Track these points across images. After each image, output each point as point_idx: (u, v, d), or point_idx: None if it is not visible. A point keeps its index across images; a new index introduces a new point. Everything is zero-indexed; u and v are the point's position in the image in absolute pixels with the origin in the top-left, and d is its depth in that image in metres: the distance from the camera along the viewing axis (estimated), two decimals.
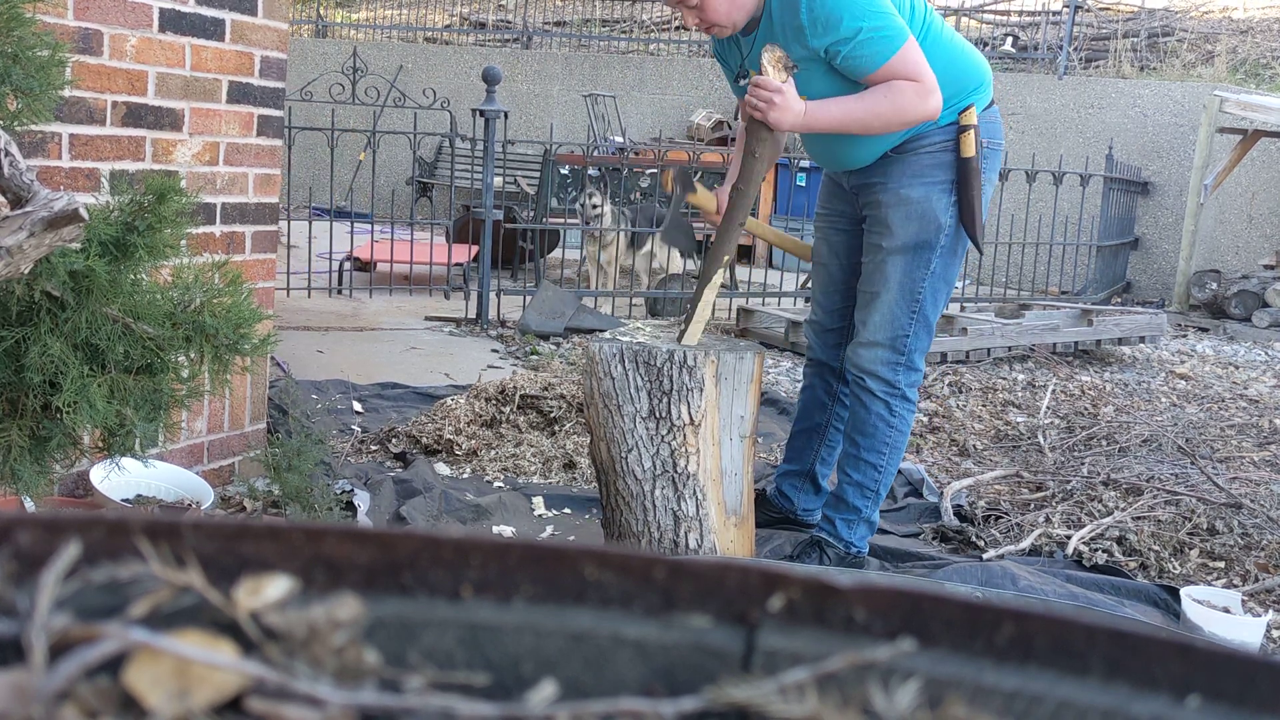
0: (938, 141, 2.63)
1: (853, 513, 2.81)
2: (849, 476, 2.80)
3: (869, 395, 2.74)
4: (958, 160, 2.63)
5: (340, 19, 14.23)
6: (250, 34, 2.95)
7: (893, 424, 2.75)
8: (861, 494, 2.80)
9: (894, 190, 2.66)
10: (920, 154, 2.63)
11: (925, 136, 2.62)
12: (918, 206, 2.64)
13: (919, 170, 2.64)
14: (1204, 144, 8.36)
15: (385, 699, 0.38)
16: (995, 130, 2.73)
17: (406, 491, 3.18)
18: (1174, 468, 3.83)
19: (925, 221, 2.65)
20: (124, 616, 0.40)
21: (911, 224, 2.65)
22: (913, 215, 2.65)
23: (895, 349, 2.71)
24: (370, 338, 5.50)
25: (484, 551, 0.43)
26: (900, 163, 2.65)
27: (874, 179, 2.70)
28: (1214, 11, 12.66)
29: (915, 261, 2.67)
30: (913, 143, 2.63)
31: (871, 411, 2.74)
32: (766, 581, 0.43)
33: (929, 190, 2.64)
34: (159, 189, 1.84)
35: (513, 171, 9.11)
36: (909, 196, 2.64)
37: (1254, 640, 2.54)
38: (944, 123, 2.63)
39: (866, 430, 2.76)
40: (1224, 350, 6.88)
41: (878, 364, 2.72)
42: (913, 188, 2.64)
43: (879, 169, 2.69)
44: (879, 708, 0.40)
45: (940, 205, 2.64)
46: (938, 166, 2.63)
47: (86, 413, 1.75)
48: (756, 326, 6.12)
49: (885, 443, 2.76)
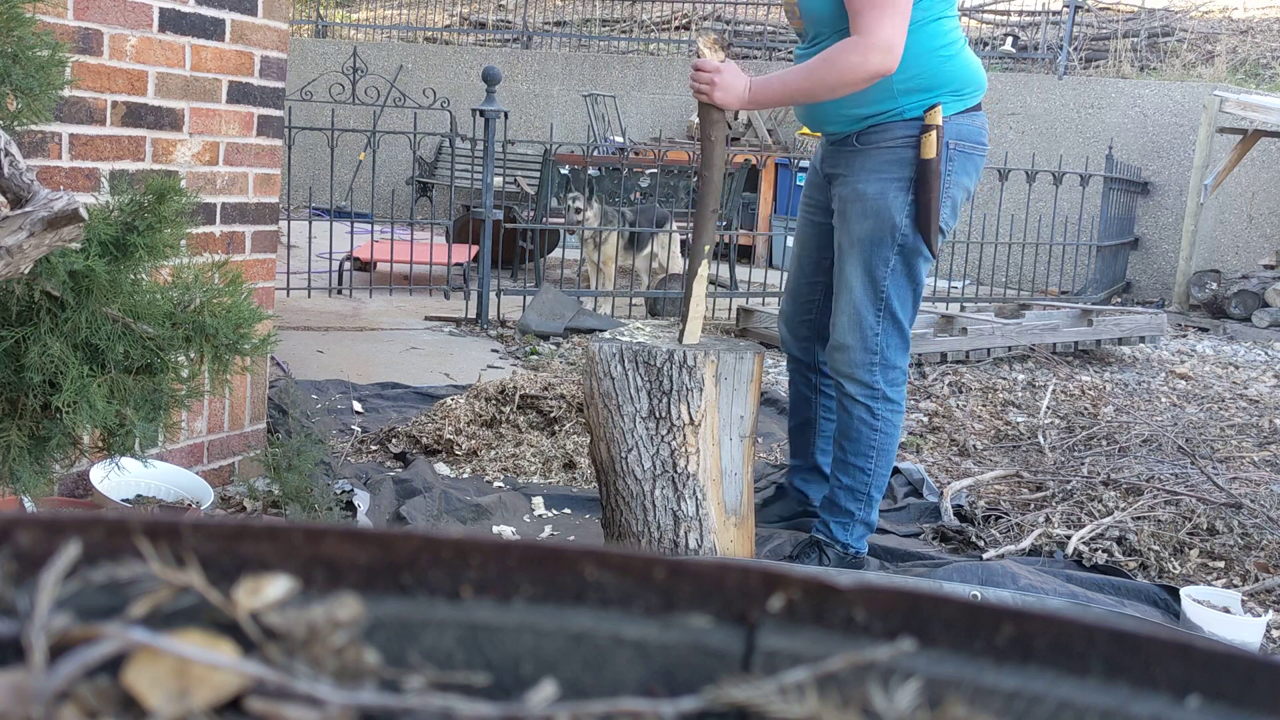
0: (899, 137, 2.59)
1: (845, 515, 2.81)
2: (839, 480, 2.80)
3: (849, 400, 2.73)
4: (917, 160, 2.59)
5: (340, 19, 14.23)
6: (250, 34, 2.95)
7: (876, 426, 2.73)
8: (853, 497, 2.79)
9: (852, 185, 2.65)
10: (881, 148, 2.61)
11: (889, 129, 2.60)
12: (873, 203, 2.62)
13: (877, 165, 2.62)
14: (1204, 144, 8.36)
15: (385, 699, 0.38)
16: (973, 134, 2.68)
17: (406, 491, 3.18)
18: (1174, 468, 3.83)
19: (879, 219, 2.62)
20: (124, 616, 0.40)
21: (866, 220, 2.63)
22: (868, 212, 2.63)
23: (867, 349, 2.69)
24: (370, 338, 5.50)
25: (484, 551, 0.43)
26: (863, 155, 2.63)
27: (840, 169, 2.70)
28: (1214, 11, 12.66)
29: (873, 258, 2.64)
30: (876, 131, 2.61)
31: (854, 416, 2.74)
32: (766, 581, 0.43)
33: (885, 186, 2.61)
34: (159, 189, 1.84)
35: (513, 171, 9.11)
36: (864, 192, 2.63)
37: (1254, 640, 2.54)
38: (910, 116, 2.59)
39: (851, 434, 2.75)
40: (1224, 350, 6.88)
41: (853, 367, 2.70)
42: (869, 183, 2.62)
43: (845, 159, 2.68)
44: (879, 708, 0.40)
45: (896, 204, 2.60)
46: (896, 163, 2.60)
47: (86, 413, 1.75)
48: (756, 326, 6.12)
49: (871, 445, 2.74)
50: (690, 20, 13.04)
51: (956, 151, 2.64)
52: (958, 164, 2.66)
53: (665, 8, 13.14)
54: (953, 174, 2.65)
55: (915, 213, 2.61)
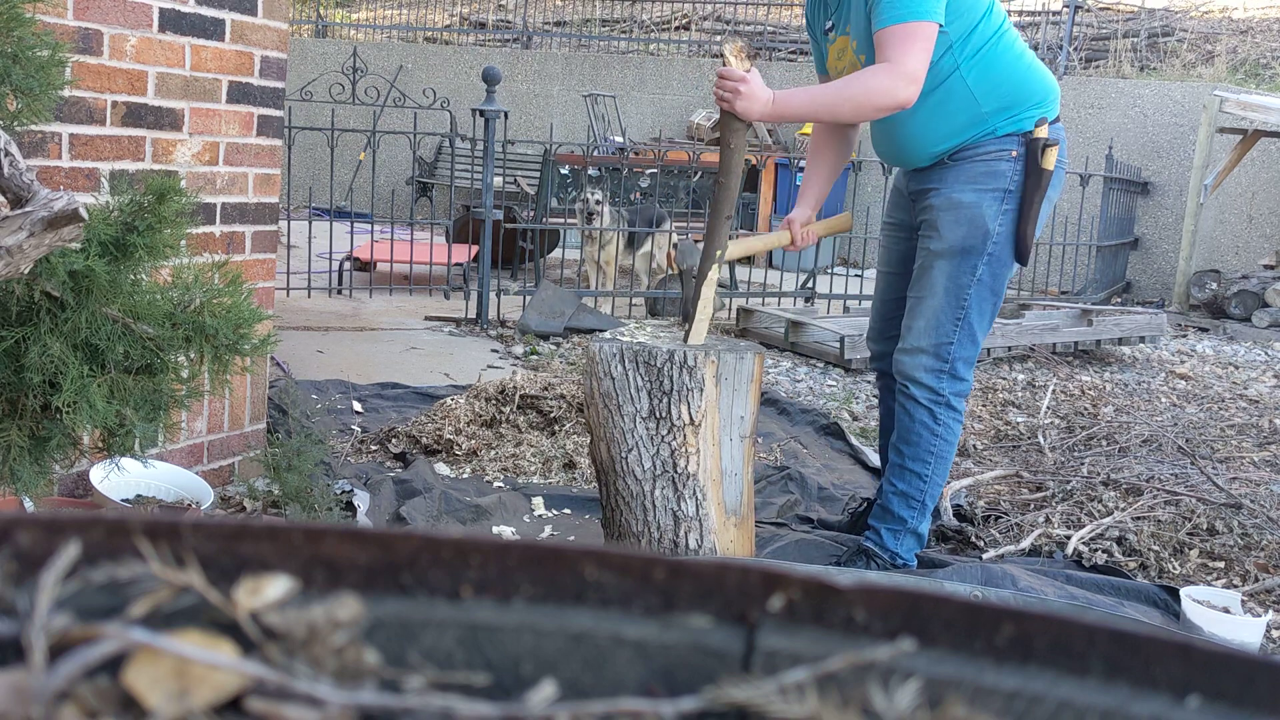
0: (992, 151, 2.64)
1: (898, 523, 2.79)
2: (894, 486, 2.79)
3: (912, 403, 2.73)
4: (1028, 170, 2.62)
5: (340, 19, 14.23)
6: (250, 34, 2.95)
7: (937, 432, 2.73)
8: (907, 504, 2.78)
9: (945, 194, 2.67)
10: (975, 161, 2.65)
11: (981, 145, 2.64)
12: (967, 211, 2.65)
13: (972, 176, 2.65)
14: (1204, 144, 8.36)
15: (385, 699, 0.38)
16: (1063, 149, 2.72)
17: (406, 492, 3.18)
18: (1174, 468, 3.83)
19: (974, 226, 2.64)
20: (124, 616, 0.40)
21: (960, 228, 2.65)
22: (962, 220, 2.65)
23: (939, 356, 2.71)
24: (370, 338, 5.50)
25: (484, 552, 0.43)
26: (955, 168, 2.66)
27: (930, 184, 2.72)
28: (1214, 11, 12.66)
29: (961, 266, 2.67)
30: (968, 150, 2.65)
31: (916, 419, 2.73)
32: (766, 581, 0.43)
33: (980, 196, 2.64)
34: (159, 189, 1.84)
35: (512, 171, 9.11)
36: (960, 201, 2.65)
37: (1254, 640, 2.54)
38: (1002, 133, 2.63)
39: (911, 439, 2.75)
40: (1224, 350, 6.88)
41: (920, 370, 2.72)
42: (964, 192, 2.65)
43: (935, 174, 2.70)
44: (879, 708, 0.40)
45: (990, 212, 2.64)
46: (991, 174, 2.64)
47: (86, 413, 1.75)
48: (756, 326, 6.12)
49: (930, 451, 2.74)
50: (690, 20, 13.04)
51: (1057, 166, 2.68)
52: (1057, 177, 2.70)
53: (665, 8, 13.14)
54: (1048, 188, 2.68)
55: (1016, 223, 2.64)
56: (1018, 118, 2.64)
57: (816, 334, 5.80)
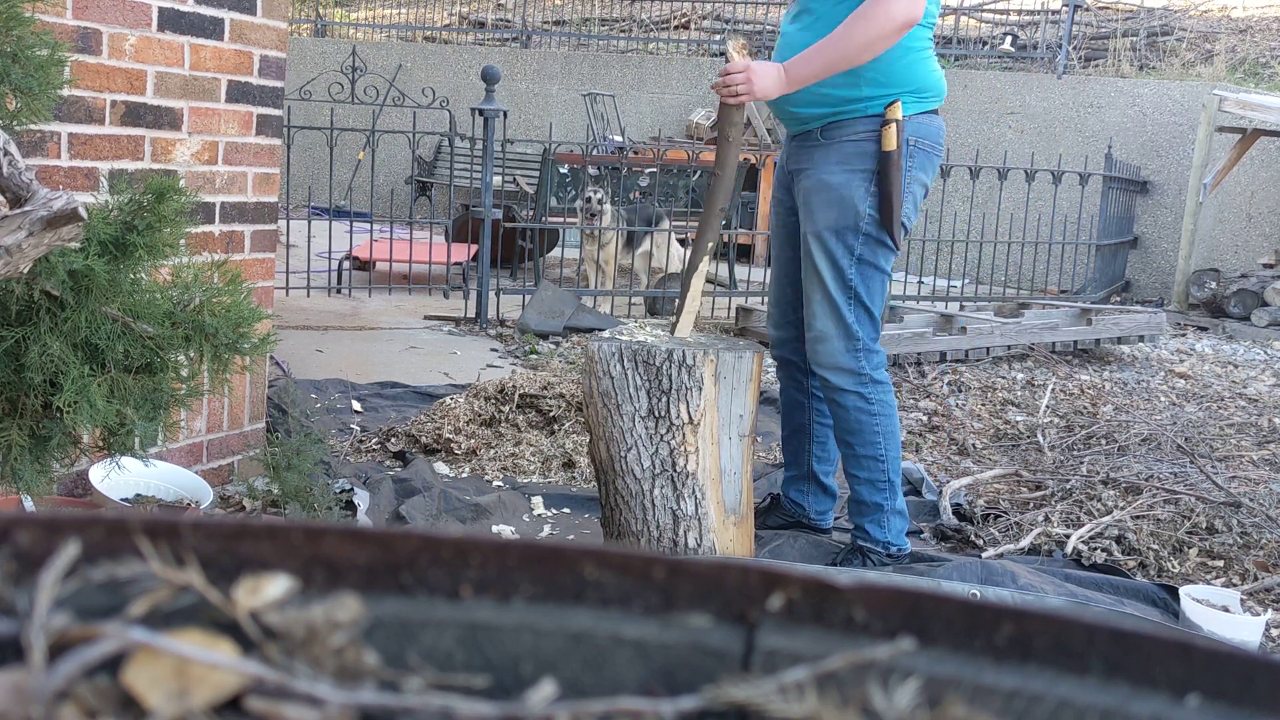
0: (862, 131, 2.65)
1: (875, 510, 2.81)
2: (856, 477, 2.81)
3: (840, 393, 2.74)
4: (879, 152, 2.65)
5: (339, 18, 14.22)
6: (249, 33, 2.95)
7: (873, 411, 2.75)
8: (874, 489, 2.80)
9: (816, 176, 2.70)
10: (846, 141, 2.67)
11: (853, 124, 2.66)
12: (837, 192, 2.67)
13: (843, 156, 2.67)
14: (1203, 143, 8.36)
15: (385, 699, 0.38)
16: (932, 134, 2.73)
17: (406, 491, 3.18)
18: (1173, 467, 3.83)
19: (844, 207, 2.67)
20: (123, 616, 0.40)
21: (831, 209, 2.68)
22: (832, 201, 2.68)
23: (848, 335, 2.72)
24: (369, 337, 5.50)
25: (483, 551, 0.43)
26: (826, 148, 2.69)
27: (803, 164, 2.74)
28: (1213, 10, 12.66)
29: (838, 247, 2.68)
30: (839, 129, 2.67)
31: (849, 408, 2.75)
32: (766, 581, 0.43)
33: (849, 177, 2.66)
34: (158, 188, 1.84)
35: (512, 171, 9.11)
36: (829, 182, 2.68)
37: (1253, 639, 2.54)
38: (872, 112, 2.65)
39: (852, 428, 2.76)
40: (1223, 349, 6.88)
41: (836, 355, 2.72)
42: (834, 173, 2.68)
43: (807, 154, 2.72)
44: (878, 707, 0.40)
45: (859, 193, 2.66)
46: (860, 155, 2.66)
47: (86, 412, 1.75)
48: (755, 325, 6.12)
49: (875, 431, 2.76)
50: (689, 19, 13.04)
51: (916, 148, 2.70)
52: (918, 160, 2.71)
53: (664, 7, 13.13)
54: (913, 169, 2.70)
55: (879, 204, 2.66)
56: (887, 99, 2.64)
57: None
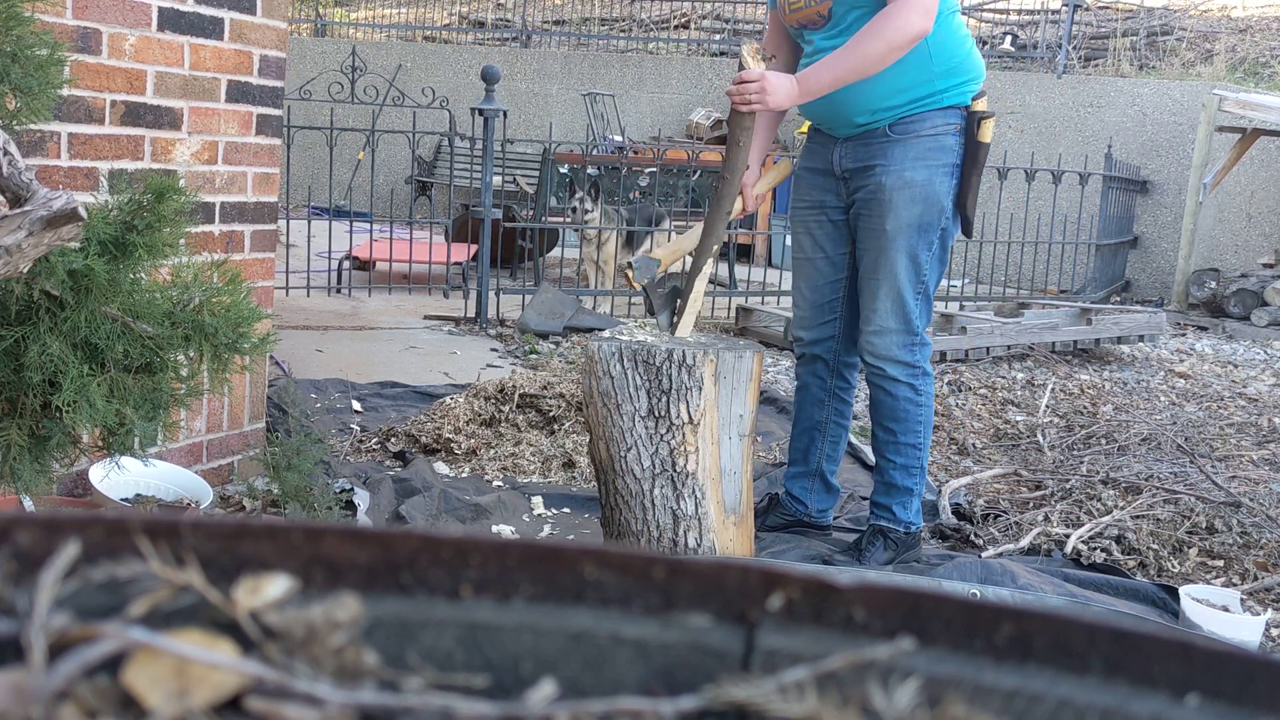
0: (939, 125, 2.67)
1: (905, 494, 2.89)
2: (893, 462, 2.87)
3: (892, 382, 2.80)
4: (968, 144, 2.68)
5: (339, 18, 14.22)
6: (249, 33, 2.95)
7: (920, 402, 2.83)
8: (908, 474, 2.88)
9: (896, 173, 2.69)
10: (922, 137, 2.67)
11: (927, 117, 2.66)
12: (921, 189, 2.68)
13: (920, 153, 2.67)
14: (1203, 143, 8.36)
15: (384, 699, 0.38)
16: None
17: (406, 491, 3.18)
18: (1173, 466, 3.83)
19: (929, 204, 2.69)
20: (123, 616, 0.40)
21: (916, 206, 2.69)
22: (917, 198, 2.68)
23: (908, 330, 2.78)
24: (369, 337, 5.50)
25: (483, 551, 0.43)
26: (901, 145, 2.68)
27: (873, 161, 2.72)
28: (1213, 10, 12.66)
29: (920, 243, 2.72)
30: (912, 122, 2.67)
31: (899, 397, 2.81)
32: (766, 581, 0.43)
33: (932, 172, 2.68)
34: (158, 188, 1.84)
35: (512, 171, 9.11)
36: (912, 179, 2.68)
37: (1253, 639, 2.54)
38: (946, 104, 2.66)
39: (899, 416, 2.83)
40: (1223, 349, 6.88)
41: (895, 349, 2.78)
42: (915, 170, 2.68)
43: (878, 150, 2.70)
44: (878, 707, 0.40)
45: (943, 188, 2.69)
46: (938, 149, 2.68)
47: (86, 412, 1.75)
48: (755, 325, 6.12)
49: (919, 421, 2.84)
50: (689, 19, 13.04)
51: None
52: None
53: (664, 7, 13.13)
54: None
55: (960, 194, 2.71)
56: (961, 89, 2.68)
57: None
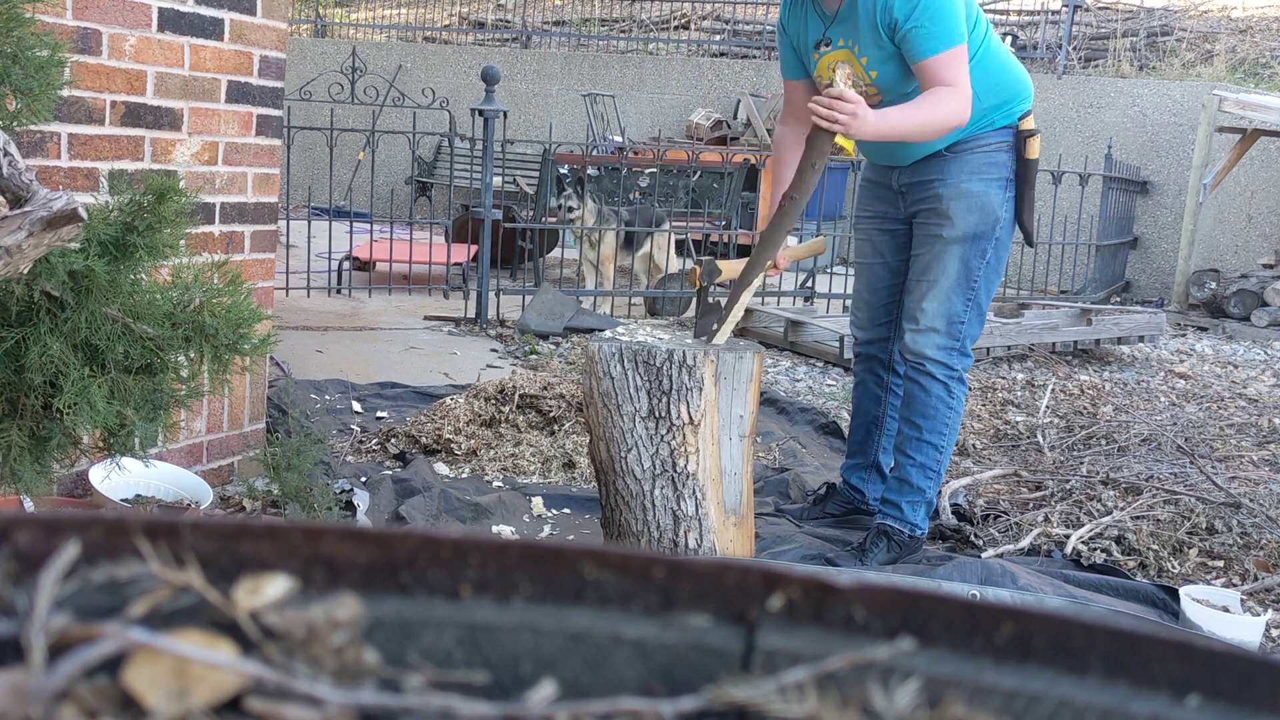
0: (992, 143, 2.85)
1: (917, 494, 2.94)
2: (912, 459, 2.93)
3: (929, 379, 2.89)
4: (1019, 160, 2.86)
5: (339, 18, 14.22)
6: (249, 34, 2.95)
7: (952, 405, 2.91)
8: (925, 475, 2.93)
9: (954, 185, 2.85)
10: (976, 153, 2.85)
11: (981, 138, 2.84)
12: (977, 199, 2.84)
13: (975, 167, 2.85)
14: (1203, 143, 8.36)
15: (384, 699, 0.38)
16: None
17: (405, 491, 3.18)
18: (1173, 467, 3.83)
19: (985, 213, 2.84)
20: (123, 616, 0.40)
21: (972, 215, 2.84)
22: (973, 207, 2.84)
23: (951, 335, 2.88)
24: (369, 337, 5.49)
25: (483, 551, 0.43)
26: (957, 160, 2.85)
27: (930, 176, 2.89)
28: (1213, 11, 12.66)
29: (973, 250, 2.86)
30: (967, 143, 2.84)
31: (932, 394, 2.89)
32: (766, 581, 0.43)
33: (987, 185, 2.84)
34: (158, 189, 1.84)
35: (512, 171, 9.10)
36: (969, 190, 2.84)
37: (1253, 639, 2.54)
38: (999, 125, 2.84)
39: (928, 413, 2.90)
40: (1223, 349, 6.88)
41: (933, 348, 2.88)
42: (971, 182, 2.84)
43: (935, 167, 2.88)
44: (878, 707, 0.40)
45: (997, 199, 2.85)
46: (993, 164, 2.85)
47: (87, 413, 1.75)
48: (756, 326, 6.12)
49: (945, 424, 2.91)
50: (689, 20, 13.04)
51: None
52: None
53: (665, 7, 13.13)
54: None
55: (1016, 207, 2.88)
56: (1008, 110, 2.85)
57: (815, 333, 5.81)
